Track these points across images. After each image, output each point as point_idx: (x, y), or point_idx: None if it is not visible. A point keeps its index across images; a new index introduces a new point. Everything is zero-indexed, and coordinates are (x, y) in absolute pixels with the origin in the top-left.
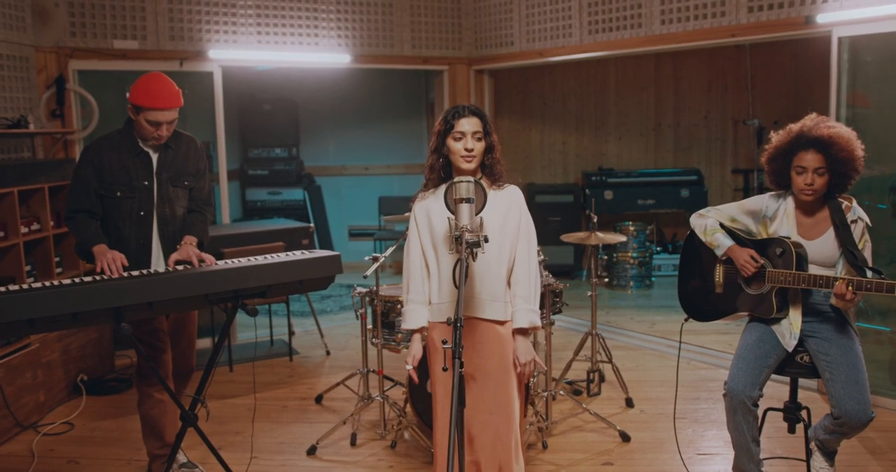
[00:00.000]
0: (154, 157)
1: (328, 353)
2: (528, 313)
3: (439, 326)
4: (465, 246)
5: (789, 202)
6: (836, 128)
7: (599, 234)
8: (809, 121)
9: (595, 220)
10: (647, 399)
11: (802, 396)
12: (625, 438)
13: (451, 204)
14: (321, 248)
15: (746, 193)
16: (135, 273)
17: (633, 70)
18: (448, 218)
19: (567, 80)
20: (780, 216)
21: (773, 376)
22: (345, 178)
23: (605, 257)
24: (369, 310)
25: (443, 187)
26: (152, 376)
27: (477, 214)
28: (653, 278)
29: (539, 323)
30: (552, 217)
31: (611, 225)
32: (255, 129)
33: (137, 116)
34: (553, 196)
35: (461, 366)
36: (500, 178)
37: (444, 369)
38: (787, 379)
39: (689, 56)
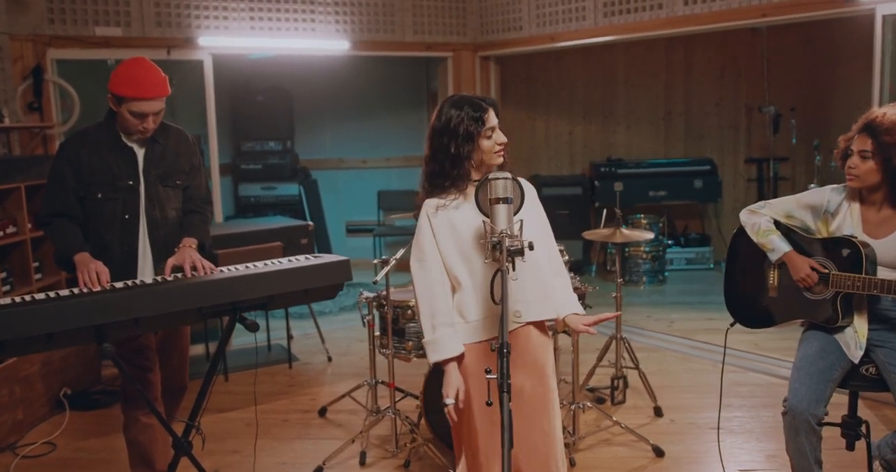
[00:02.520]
0: (140, 153)
1: (330, 359)
2: (576, 299)
3: (475, 346)
4: (507, 255)
5: (854, 195)
6: None
7: (625, 231)
8: (891, 105)
9: (620, 215)
10: (674, 407)
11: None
12: (658, 452)
13: (485, 205)
14: (318, 245)
15: (760, 183)
16: (118, 285)
17: (642, 56)
18: (483, 222)
19: (574, 66)
20: (842, 212)
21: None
22: (342, 171)
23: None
24: (377, 316)
25: (464, 191)
26: (139, 398)
27: (514, 215)
28: (665, 274)
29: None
30: (560, 210)
31: (622, 218)
32: (247, 121)
33: (120, 108)
34: (560, 188)
35: (509, 399)
36: (511, 169)
37: (489, 404)
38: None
39: (701, 41)
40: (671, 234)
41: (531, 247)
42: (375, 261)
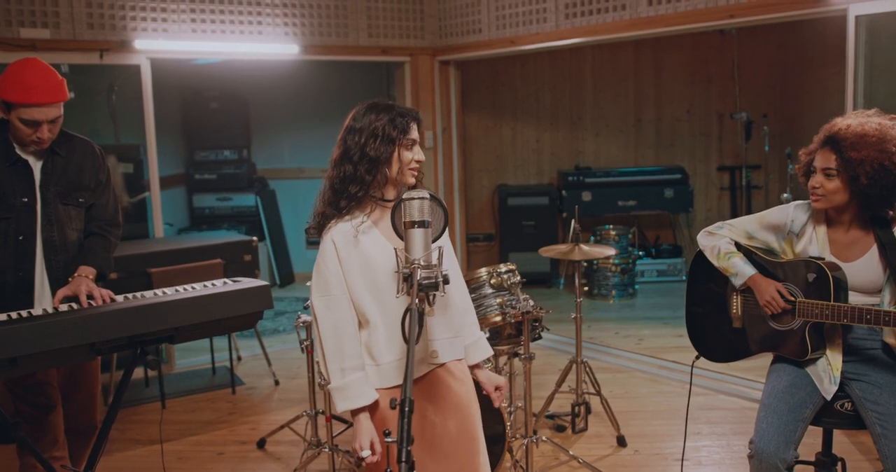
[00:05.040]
0: (36, 166)
1: (277, 383)
2: (485, 341)
3: (388, 392)
4: (419, 289)
5: (820, 214)
6: (862, 124)
7: (584, 247)
8: (854, 114)
9: (579, 230)
10: (640, 436)
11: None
12: None
13: (400, 228)
14: (276, 257)
15: (733, 191)
16: (2, 317)
17: (610, 60)
18: (395, 250)
19: (540, 71)
20: (808, 233)
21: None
22: (301, 181)
23: (585, 264)
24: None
25: (372, 213)
26: (38, 441)
27: (434, 242)
28: (636, 286)
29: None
30: (526, 221)
31: (590, 229)
32: (201, 129)
33: (9, 115)
34: (527, 198)
35: (411, 469)
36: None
37: None
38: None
39: (670, 45)
40: (642, 245)
41: (446, 281)
42: (308, 283)
